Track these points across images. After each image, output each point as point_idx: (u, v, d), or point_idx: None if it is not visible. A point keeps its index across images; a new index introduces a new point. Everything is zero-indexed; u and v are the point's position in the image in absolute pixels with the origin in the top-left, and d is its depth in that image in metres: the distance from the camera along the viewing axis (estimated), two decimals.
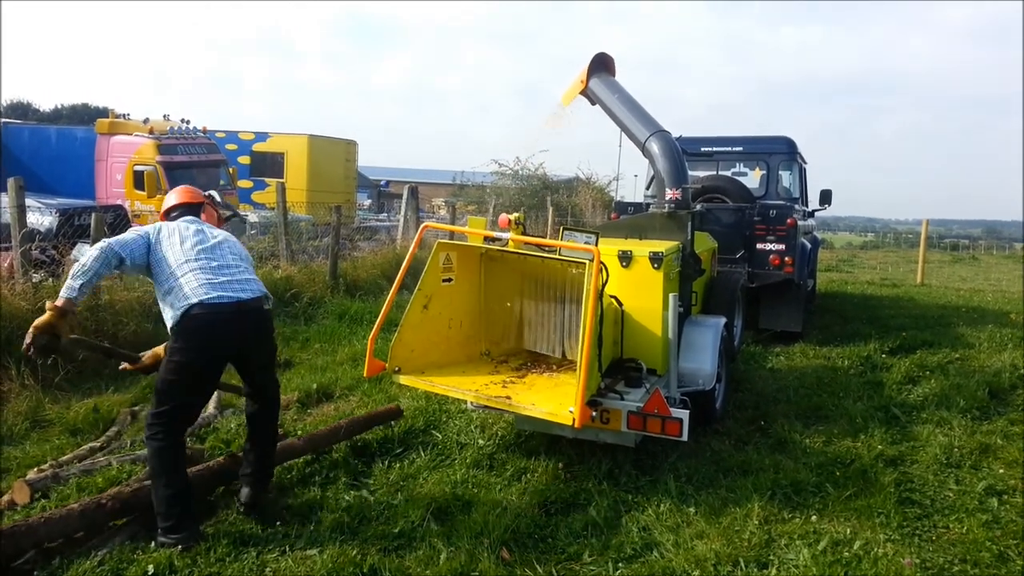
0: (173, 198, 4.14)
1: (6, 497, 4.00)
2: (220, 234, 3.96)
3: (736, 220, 8.05)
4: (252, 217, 15.41)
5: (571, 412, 3.80)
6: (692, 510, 4.09)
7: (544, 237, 10.92)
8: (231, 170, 19.21)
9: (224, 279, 3.68)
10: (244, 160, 23.43)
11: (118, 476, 4.28)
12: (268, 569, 3.45)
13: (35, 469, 4.38)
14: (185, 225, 3.88)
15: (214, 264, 3.73)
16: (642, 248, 4.98)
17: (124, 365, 4.11)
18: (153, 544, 3.53)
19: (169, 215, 4.05)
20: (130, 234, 3.73)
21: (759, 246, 8.05)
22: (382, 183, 47.65)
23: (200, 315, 3.53)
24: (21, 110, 51.46)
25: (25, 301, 6.45)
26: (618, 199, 10.35)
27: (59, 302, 3.50)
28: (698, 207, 7.10)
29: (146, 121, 17.53)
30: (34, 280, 6.99)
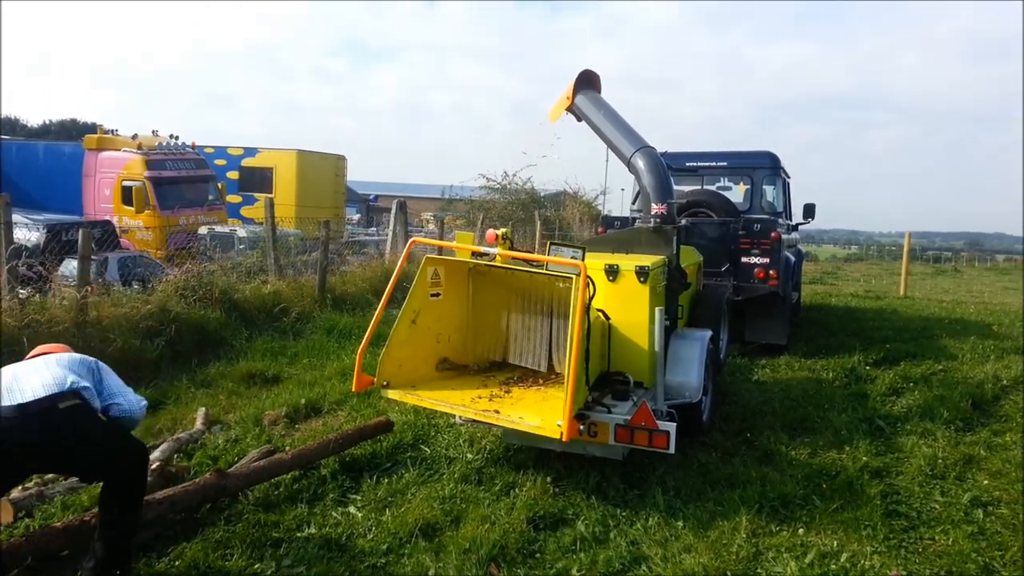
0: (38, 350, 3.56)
1: None
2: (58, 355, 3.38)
3: (721, 234, 8.11)
4: (241, 232, 15.40)
5: (559, 425, 3.82)
6: (680, 523, 4.11)
7: (531, 251, 10.96)
8: (220, 185, 19.20)
9: (10, 380, 3.06)
10: (233, 175, 23.41)
11: None
12: None
13: (19, 488, 4.34)
14: None
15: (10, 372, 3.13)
16: (628, 262, 5.02)
17: None
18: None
19: None
20: None
21: (744, 260, 8.12)
22: (371, 197, 47.69)
23: None
24: (9, 125, 51.22)
25: (12, 318, 6.41)
26: (605, 213, 10.42)
27: None
28: (683, 221, 7.16)
29: (134, 137, 17.53)
30: (21, 296, 6.95)
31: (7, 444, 2.92)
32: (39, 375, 3.14)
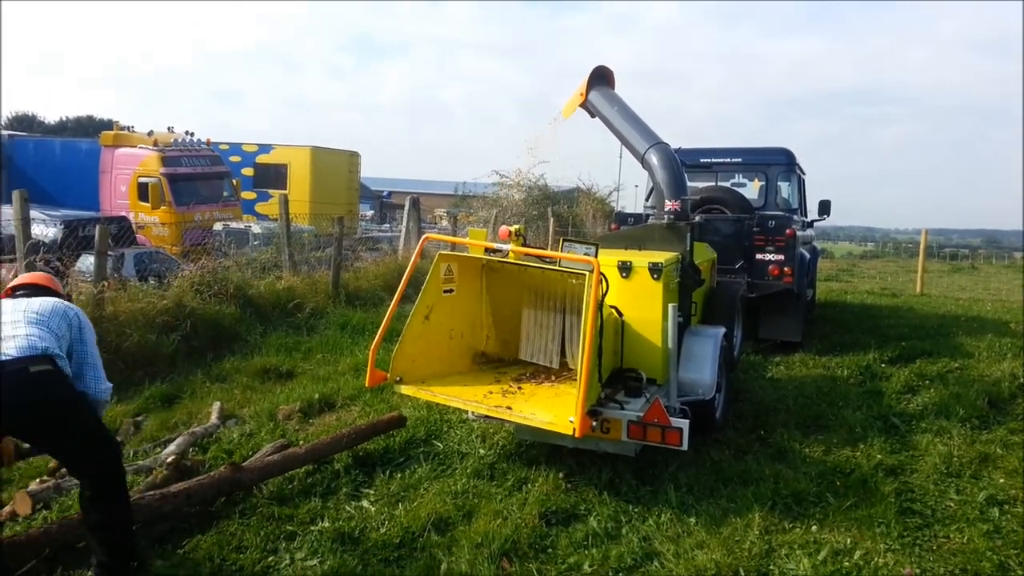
0: (21, 279, 3.73)
1: (7, 508, 4.01)
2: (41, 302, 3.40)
3: (735, 231, 8.07)
4: (255, 228, 15.50)
5: (571, 422, 3.82)
6: (692, 520, 4.10)
7: (545, 248, 10.95)
8: (235, 182, 19.31)
9: None
10: (248, 172, 23.53)
11: None
12: None
13: (37, 480, 4.40)
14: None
15: None
16: (642, 259, 5.01)
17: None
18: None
19: (12, 293, 3.59)
20: None
21: (758, 256, 8.07)
22: (384, 194, 47.84)
23: None
24: (26, 122, 51.74)
25: None
26: (618, 210, 10.40)
27: None
28: (697, 218, 7.13)
29: (150, 133, 17.66)
30: None
31: None
32: (15, 335, 3.13)
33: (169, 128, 18.42)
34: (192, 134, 18.47)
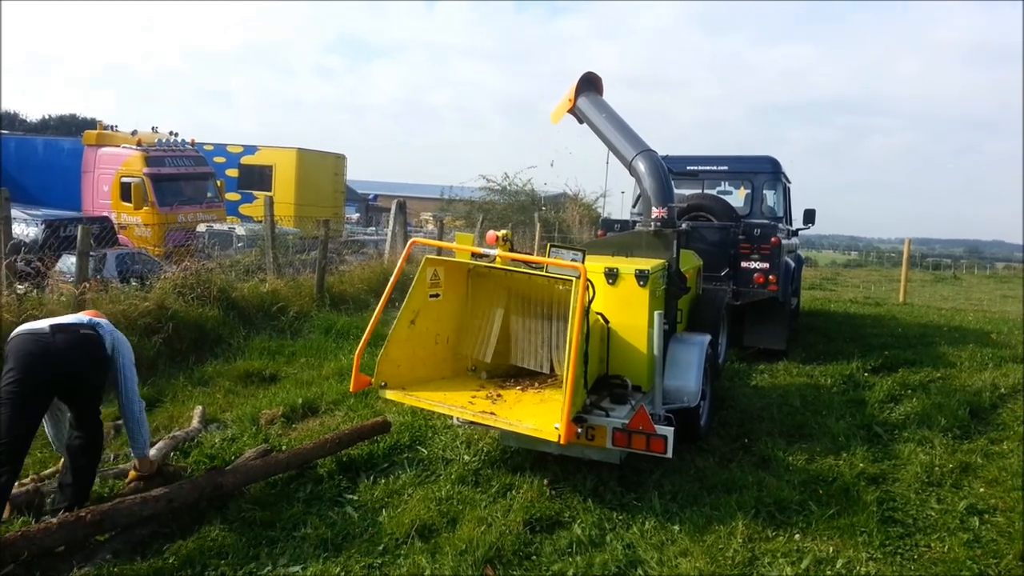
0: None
1: None
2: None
3: (721, 238, 8.12)
4: (239, 230, 15.39)
5: (557, 428, 3.81)
6: (676, 528, 4.11)
7: (531, 253, 10.94)
8: (219, 183, 19.18)
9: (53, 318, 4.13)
10: (232, 173, 23.39)
11: (99, 491, 4.24)
12: None
13: (16, 483, 4.32)
14: None
15: None
16: (628, 266, 5.02)
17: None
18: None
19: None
20: None
21: (744, 264, 8.12)
22: (370, 197, 47.69)
23: (17, 338, 3.93)
24: (8, 120, 51.16)
25: (9, 313, 6.39)
26: (605, 216, 10.42)
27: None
28: (683, 225, 7.16)
29: (134, 133, 17.51)
30: (19, 292, 6.94)
31: (47, 350, 3.88)
32: (68, 321, 4.17)
33: (153, 128, 18.28)
34: (176, 134, 18.34)
